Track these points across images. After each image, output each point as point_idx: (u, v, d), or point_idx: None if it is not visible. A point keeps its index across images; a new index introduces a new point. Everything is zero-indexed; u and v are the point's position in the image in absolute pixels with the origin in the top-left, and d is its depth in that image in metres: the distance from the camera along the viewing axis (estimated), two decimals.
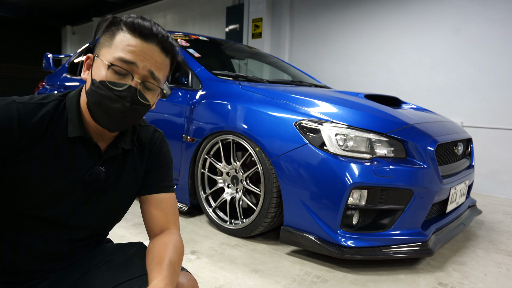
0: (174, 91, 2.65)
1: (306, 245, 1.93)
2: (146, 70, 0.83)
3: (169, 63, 0.90)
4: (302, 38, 5.48)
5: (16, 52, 11.24)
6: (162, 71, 0.88)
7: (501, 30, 3.70)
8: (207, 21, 7.21)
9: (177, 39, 2.96)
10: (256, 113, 2.16)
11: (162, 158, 1.04)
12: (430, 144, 1.99)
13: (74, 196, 0.88)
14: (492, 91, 3.78)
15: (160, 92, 0.91)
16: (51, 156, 0.84)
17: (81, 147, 0.88)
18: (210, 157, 2.38)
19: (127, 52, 0.82)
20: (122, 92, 0.82)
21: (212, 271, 1.83)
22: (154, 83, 0.86)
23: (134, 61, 0.82)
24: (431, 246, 1.90)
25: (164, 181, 1.03)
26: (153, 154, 1.03)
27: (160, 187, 1.01)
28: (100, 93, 0.82)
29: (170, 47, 0.87)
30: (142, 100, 0.85)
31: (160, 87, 0.88)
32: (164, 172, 1.04)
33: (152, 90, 0.87)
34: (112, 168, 0.95)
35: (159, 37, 0.84)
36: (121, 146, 0.95)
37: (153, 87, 0.86)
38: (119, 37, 0.83)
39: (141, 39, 0.82)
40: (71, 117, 0.87)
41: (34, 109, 0.83)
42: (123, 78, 0.82)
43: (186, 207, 2.53)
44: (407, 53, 4.39)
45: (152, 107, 0.92)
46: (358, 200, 1.84)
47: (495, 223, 2.81)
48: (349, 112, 2.05)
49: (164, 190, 1.01)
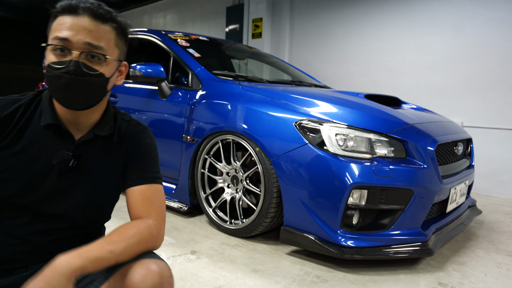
0: (174, 91, 2.65)
1: (306, 245, 1.93)
2: (82, 43, 0.86)
3: (110, 29, 0.91)
4: (302, 38, 5.48)
5: (16, 52, 11.24)
6: (104, 39, 0.89)
7: (501, 30, 3.70)
8: (207, 21, 7.21)
9: (177, 39, 2.96)
10: (256, 113, 2.16)
11: (142, 149, 1.04)
12: (430, 144, 1.99)
13: (47, 182, 0.91)
14: (492, 91, 3.78)
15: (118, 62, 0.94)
16: (25, 145, 0.89)
17: (53, 134, 0.93)
18: (210, 157, 2.38)
19: (60, 31, 0.86)
20: (65, 68, 0.85)
21: (212, 271, 1.83)
22: (98, 52, 0.88)
23: (66, 37, 0.85)
24: (431, 246, 1.90)
25: (146, 172, 1.01)
26: (133, 145, 1.03)
27: (140, 179, 1.00)
28: (49, 75, 0.87)
29: (103, 13, 0.89)
30: (88, 70, 0.88)
31: (105, 54, 0.89)
32: (146, 164, 1.03)
33: (100, 61, 0.89)
34: (87, 155, 0.96)
35: (88, 7, 0.87)
36: (96, 133, 0.97)
37: (98, 56, 0.88)
38: (55, 23, 0.88)
39: (71, 15, 0.87)
40: (43, 107, 0.93)
41: (6, 104, 0.91)
42: (64, 56, 0.86)
43: (186, 207, 2.53)
44: (407, 53, 4.39)
45: (118, 81, 0.99)
46: (358, 200, 1.84)
47: (495, 223, 2.81)
48: (349, 112, 2.05)
49: (145, 181, 1.00)
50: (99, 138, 0.98)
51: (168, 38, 2.93)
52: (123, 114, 1.08)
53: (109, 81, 0.93)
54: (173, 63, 2.80)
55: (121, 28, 0.94)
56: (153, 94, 2.74)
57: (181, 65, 2.73)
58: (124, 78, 1.03)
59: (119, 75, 1.00)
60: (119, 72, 1.00)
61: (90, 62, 0.88)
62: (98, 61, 0.89)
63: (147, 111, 2.77)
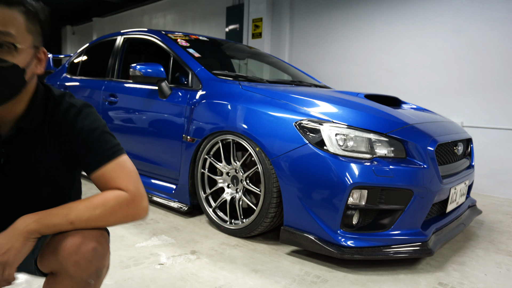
0: (174, 91, 2.65)
1: (306, 245, 1.93)
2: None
3: (19, 15, 0.82)
4: (302, 38, 5.48)
5: None
6: (13, 25, 0.81)
7: (501, 30, 3.70)
8: (207, 21, 7.21)
9: (177, 39, 2.96)
10: (256, 113, 2.16)
11: (81, 136, 0.94)
12: (430, 144, 1.99)
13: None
14: (492, 91, 3.78)
15: (34, 49, 0.86)
16: None
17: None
18: (210, 157, 2.38)
19: None
20: None
21: (212, 271, 1.83)
22: (6, 41, 0.79)
23: None
24: (431, 246, 1.90)
25: (98, 155, 0.93)
26: (69, 135, 0.94)
27: (96, 163, 0.93)
28: None
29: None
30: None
31: (14, 43, 0.81)
32: (93, 147, 0.94)
33: (11, 50, 0.81)
34: (16, 150, 0.91)
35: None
36: (20, 126, 0.90)
37: (7, 45, 0.80)
38: None
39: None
40: None
41: None
42: None
43: (186, 207, 2.53)
44: (407, 53, 4.39)
45: (38, 70, 0.89)
46: (358, 200, 1.84)
47: (495, 223, 2.81)
48: (349, 112, 2.05)
49: (102, 162, 0.92)
50: (28, 131, 0.92)
51: (168, 38, 2.93)
52: (58, 97, 0.97)
53: (26, 71, 0.85)
54: (173, 63, 2.80)
55: (32, 12, 0.85)
56: (153, 94, 2.74)
57: (181, 65, 2.73)
58: (45, 66, 0.93)
59: (38, 63, 0.90)
60: (38, 60, 0.90)
61: (1, 53, 0.79)
62: (8, 50, 0.80)
63: (147, 111, 2.77)
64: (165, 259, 1.93)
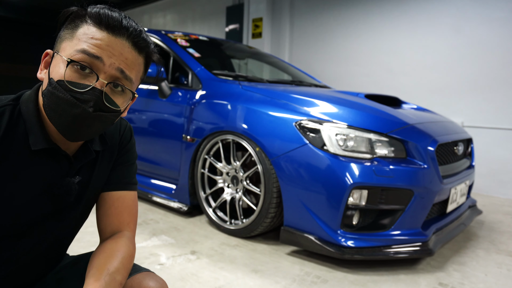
0: (174, 91, 2.65)
1: (306, 245, 1.93)
2: (115, 69, 0.71)
3: (142, 62, 0.78)
4: (302, 38, 5.48)
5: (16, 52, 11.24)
6: (135, 71, 0.75)
7: (501, 30, 3.70)
8: (207, 21, 7.21)
9: (177, 38, 2.95)
10: (256, 113, 2.16)
11: (127, 152, 0.93)
12: (430, 144, 1.98)
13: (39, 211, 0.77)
14: (492, 91, 3.78)
15: (132, 96, 0.78)
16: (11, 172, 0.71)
17: (47, 159, 0.76)
18: (210, 157, 2.38)
19: (91, 45, 0.69)
20: (84, 95, 0.68)
21: (212, 271, 1.83)
22: (125, 85, 0.74)
23: (99, 55, 0.69)
24: (432, 246, 1.90)
25: (125, 178, 0.91)
26: (121, 148, 0.91)
27: (119, 184, 0.90)
28: (57, 95, 0.69)
29: (143, 44, 0.75)
30: (109, 105, 0.72)
31: (132, 90, 0.76)
32: (127, 169, 0.92)
33: (122, 93, 0.74)
34: (83, 175, 0.83)
35: (130, 31, 0.72)
36: (93, 149, 0.82)
37: (124, 89, 0.74)
38: (82, 30, 0.71)
39: (108, 32, 0.70)
40: (30, 126, 0.73)
41: None
42: (86, 77, 0.70)
43: (186, 207, 2.53)
44: (407, 53, 4.39)
45: (123, 114, 0.81)
46: (358, 200, 1.84)
47: (496, 223, 2.81)
48: (349, 112, 2.05)
49: (122, 187, 0.90)
50: (103, 153, 0.87)
51: (168, 38, 2.93)
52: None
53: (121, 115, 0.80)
54: (173, 63, 2.80)
55: (150, 62, 0.81)
56: (153, 94, 2.74)
57: (181, 65, 2.73)
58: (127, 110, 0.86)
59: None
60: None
61: (113, 94, 0.73)
62: (120, 93, 0.74)
63: (147, 111, 2.76)
64: (165, 259, 1.92)
